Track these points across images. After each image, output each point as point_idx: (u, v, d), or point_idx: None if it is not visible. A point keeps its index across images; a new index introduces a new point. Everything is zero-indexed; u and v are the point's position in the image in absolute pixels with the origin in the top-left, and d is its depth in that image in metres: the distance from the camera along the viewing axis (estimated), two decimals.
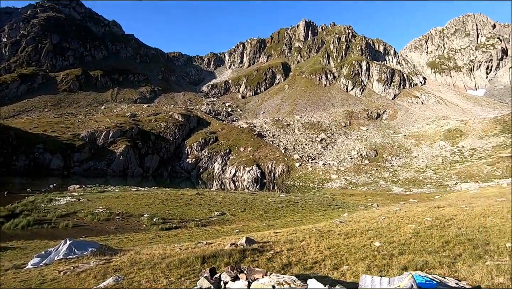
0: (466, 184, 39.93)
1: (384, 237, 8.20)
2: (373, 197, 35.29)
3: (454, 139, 64.03)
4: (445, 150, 61.25)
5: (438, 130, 70.91)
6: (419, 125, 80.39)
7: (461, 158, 55.25)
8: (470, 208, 12.50)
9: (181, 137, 70.83)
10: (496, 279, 3.79)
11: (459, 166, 51.01)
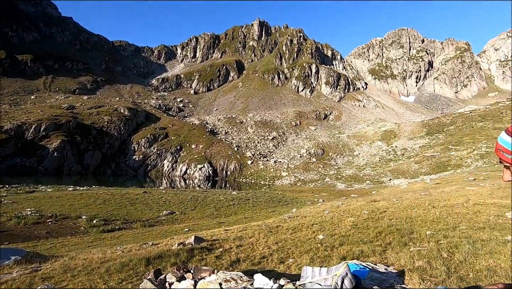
0: (398, 180, 44.71)
1: (327, 230, 8.76)
2: (320, 193, 37.47)
3: (389, 140, 71.16)
4: (381, 149, 67.74)
5: (376, 132, 78.05)
6: (360, 127, 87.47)
7: (395, 157, 61.70)
8: (400, 201, 14.02)
9: (127, 132, 66.32)
10: (416, 263, 4.33)
11: (392, 164, 56.87)
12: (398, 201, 14.08)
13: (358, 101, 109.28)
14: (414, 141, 65.77)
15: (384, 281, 3.62)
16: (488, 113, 61.72)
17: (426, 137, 64.70)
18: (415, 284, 3.46)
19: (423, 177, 41.19)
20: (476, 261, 4.21)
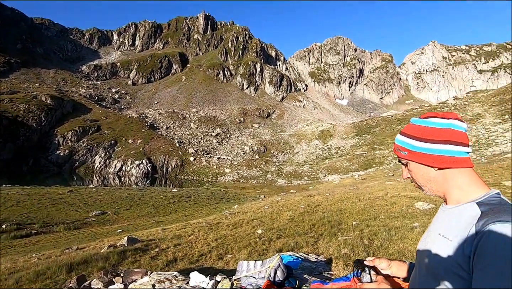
0: (332, 176, 48.62)
1: (266, 225, 9.06)
2: (261, 189, 38.54)
3: (325, 139, 76.82)
4: (318, 148, 72.77)
5: (314, 131, 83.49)
6: (300, 126, 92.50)
7: (329, 155, 66.93)
8: (332, 195, 15.25)
9: (49, 124, 58.34)
10: (342, 251, 4.76)
11: (327, 161, 61.60)
12: (331, 195, 15.29)
13: (299, 102, 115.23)
14: (346, 141, 72.25)
15: (314, 269, 3.89)
16: (405, 117, 71.22)
17: (356, 137, 71.65)
18: (340, 269, 3.81)
19: (352, 173, 45.52)
20: (390, 246, 4.82)
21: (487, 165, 17.36)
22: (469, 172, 0.97)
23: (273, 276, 2.79)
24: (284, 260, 4.04)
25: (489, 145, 39.55)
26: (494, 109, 57.40)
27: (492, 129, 47.82)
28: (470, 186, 0.95)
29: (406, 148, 1.03)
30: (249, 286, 2.79)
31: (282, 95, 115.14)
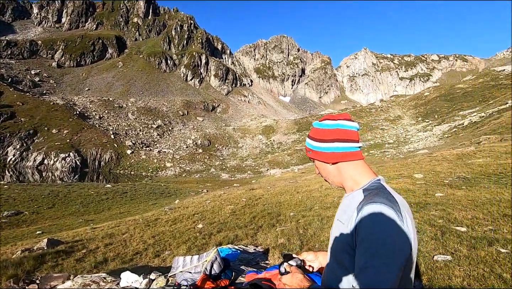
0: (274, 170, 50.45)
1: (207, 219, 8.98)
2: (204, 184, 38.00)
3: (268, 134, 79.17)
4: (262, 143, 74.69)
5: (258, 126, 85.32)
6: (245, 121, 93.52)
7: (272, 149, 69.27)
8: (273, 188, 15.85)
9: None
10: (279, 241, 5.00)
11: (270, 155, 63.67)
12: (272, 189, 15.88)
13: (244, 97, 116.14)
14: (288, 136, 75.63)
15: (251, 260, 3.99)
16: None
17: (297, 133, 75.52)
18: (276, 259, 3.99)
19: (293, 167, 47.95)
20: (322, 234, 5.22)
21: (403, 160, 20.00)
22: (359, 163, 1.10)
23: (210, 270, 2.78)
24: (223, 253, 4.06)
25: (406, 142, 45.64)
26: (410, 112, 66.34)
27: (409, 129, 55.27)
28: (360, 175, 1.08)
29: (309, 148, 1.18)
30: (184, 281, 2.73)
31: (227, 89, 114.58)
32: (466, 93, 59.43)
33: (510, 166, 10.16)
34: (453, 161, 13.64)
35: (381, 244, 0.86)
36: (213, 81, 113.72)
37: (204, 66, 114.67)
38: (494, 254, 3.72)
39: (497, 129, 24.81)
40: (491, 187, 8.25)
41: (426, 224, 5.47)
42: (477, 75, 77.35)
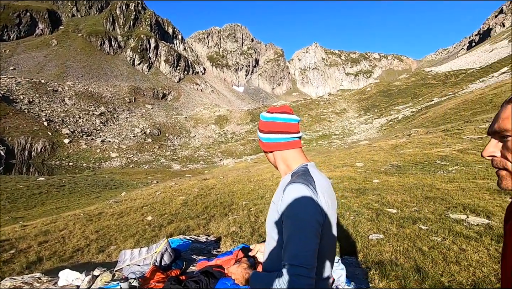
0: (227, 160, 50.46)
1: (157, 211, 8.68)
2: (154, 174, 36.41)
3: (222, 124, 78.51)
4: (215, 132, 73.83)
5: (211, 116, 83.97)
6: (197, 110, 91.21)
7: (225, 139, 68.99)
8: (226, 178, 15.89)
9: None
10: (231, 229, 5.08)
11: (223, 145, 63.39)
12: (225, 178, 15.91)
13: (196, 85, 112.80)
14: (241, 126, 75.96)
15: (203, 249, 4.01)
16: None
17: (251, 123, 76.25)
18: (227, 246, 4.07)
19: (246, 157, 48.51)
20: None
21: (347, 150, 21.63)
22: (294, 151, 1.23)
23: (160, 261, 2.73)
24: (174, 243, 4.00)
25: (350, 134, 49.32)
26: (354, 105, 71.60)
27: (353, 121, 59.71)
28: (293, 161, 1.21)
29: (259, 140, 1.31)
30: (131, 274, 2.63)
31: (179, 76, 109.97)
32: (401, 90, 66.11)
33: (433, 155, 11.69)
34: (388, 150, 15.19)
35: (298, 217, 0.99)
36: (164, 67, 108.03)
37: (154, 50, 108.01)
38: (416, 231, 4.31)
39: (425, 123, 28.22)
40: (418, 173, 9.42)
41: (364, 208, 6.06)
42: (410, 74, 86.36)
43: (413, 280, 2.94)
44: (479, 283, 2.75)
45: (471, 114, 22.46)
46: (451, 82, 55.34)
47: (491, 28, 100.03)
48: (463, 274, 2.98)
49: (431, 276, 2.97)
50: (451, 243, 3.74)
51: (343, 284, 2.76)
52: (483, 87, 37.50)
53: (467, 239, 3.81)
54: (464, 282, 2.82)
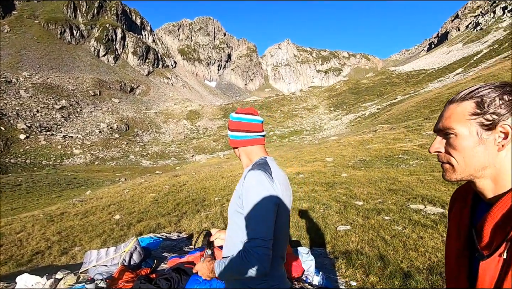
0: (199, 156, 49.71)
1: (126, 209, 8.37)
2: (122, 172, 34.95)
3: (193, 119, 77.02)
4: (187, 128, 72.30)
5: (183, 111, 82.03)
6: (168, 104, 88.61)
7: (197, 135, 67.84)
8: (198, 174, 15.69)
9: None
10: (204, 225, 5.05)
11: (195, 141, 62.33)
12: (197, 174, 15.70)
13: (167, 79, 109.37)
14: (214, 122, 75.09)
15: (174, 246, 3.94)
16: (264, 104, 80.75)
17: (223, 119, 75.62)
18: (199, 243, 4.04)
19: (218, 153, 48.14)
20: None
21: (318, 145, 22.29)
22: (255, 147, 1.38)
23: (129, 260, 2.65)
24: (144, 242, 3.90)
25: (320, 129, 50.77)
26: (325, 102, 73.71)
27: (323, 118, 61.49)
28: (255, 155, 1.36)
29: (229, 138, 1.46)
30: (98, 276, 2.53)
31: (148, 70, 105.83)
32: (368, 88, 69.15)
33: (396, 150, 12.42)
34: (356, 146, 15.87)
35: (256, 198, 1.13)
36: (132, 60, 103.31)
37: (120, 41, 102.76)
38: (380, 221, 4.58)
39: (389, 119, 29.83)
40: (382, 167, 9.97)
41: (333, 201, 6.31)
42: (376, 73, 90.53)
43: (376, 267, 3.13)
44: (434, 267, 3.00)
45: (430, 111, 24.12)
46: (413, 81, 58.89)
47: (448, 32, 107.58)
48: (420, 259, 3.23)
49: (392, 262, 3.18)
50: (411, 232, 4.03)
51: (312, 274, 2.87)
52: (440, 86, 40.37)
53: (425, 227, 4.13)
54: (421, 267, 3.06)
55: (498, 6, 75.24)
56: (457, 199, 0.89)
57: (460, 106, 0.73)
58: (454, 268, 0.81)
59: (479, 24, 78.67)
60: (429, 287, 2.67)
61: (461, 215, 0.83)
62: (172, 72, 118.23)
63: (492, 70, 29.30)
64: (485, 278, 0.68)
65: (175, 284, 2.22)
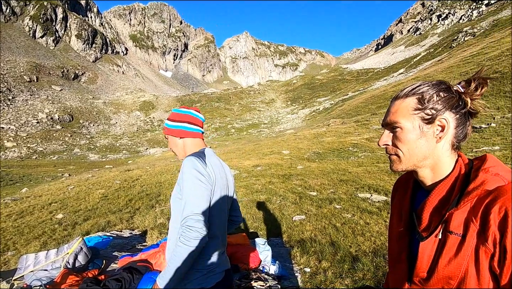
0: (154, 149, 47.54)
1: (70, 207, 7.69)
2: (65, 166, 31.94)
3: (147, 110, 73.15)
4: (140, 120, 68.45)
5: (135, 101, 77.35)
6: (119, 94, 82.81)
7: (152, 127, 64.70)
8: (153, 168, 15.01)
9: None
10: (158, 221, 4.86)
11: (149, 134, 59.41)
12: (151, 168, 15.00)
13: (117, 66, 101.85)
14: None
15: (126, 244, 3.73)
16: (222, 96, 79.80)
17: None
18: (154, 239, 3.88)
19: None
20: None
21: (275, 138, 22.79)
22: (197, 140, 1.51)
23: (73, 263, 2.43)
24: (91, 242, 3.64)
25: (278, 123, 51.92)
26: (282, 96, 75.39)
27: (280, 111, 62.91)
28: (195, 147, 1.48)
29: (165, 127, 1.54)
30: (36, 281, 2.28)
31: (95, 56, 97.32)
32: (322, 84, 72.35)
33: (347, 143, 13.24)
34: (311, 139, 16.56)
35: (191, 180, 1.23)
36: (75, 43, 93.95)
37: (61, 22, 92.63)
38: (332, 210, 4.86)
39: (341, 114, 31.65)
40: (334, 159, 10.56)
41: (289, 192, 6.53)
42: (330, 70, 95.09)
43: (328, 253, 3.33)
44: (378, 250, 3.28)
45: (377, 107, 26.12)
46: (362, 79, 63.10)
47: (392, 34, 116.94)
48: (367, 243, 3.51)
49: (342, 248, 3.41)
50: (359, 218, 4.35)
51: (269, 264, 2.94)
52: (386, 84, 43.90)
53: (371, 214, 4.49)
54: (367, 250, 3.33)
55: (434, 14, 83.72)
56: (399, 187, 0.97)
57: (404, 102, 0.80)
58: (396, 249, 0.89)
59: (418, 29, 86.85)
60: (374, 268, 2.91)
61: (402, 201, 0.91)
62: (123, 59, 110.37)
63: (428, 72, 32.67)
64: (423, 257, 0.76)
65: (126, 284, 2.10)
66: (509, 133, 8.92)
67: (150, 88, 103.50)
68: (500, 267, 0.63)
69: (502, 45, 25.57)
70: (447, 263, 0.70)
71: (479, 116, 11.34)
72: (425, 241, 0.76)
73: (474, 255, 0.67)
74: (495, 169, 0.71)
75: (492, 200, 0.66)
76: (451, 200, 0.74)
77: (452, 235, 0.71)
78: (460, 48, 42.94)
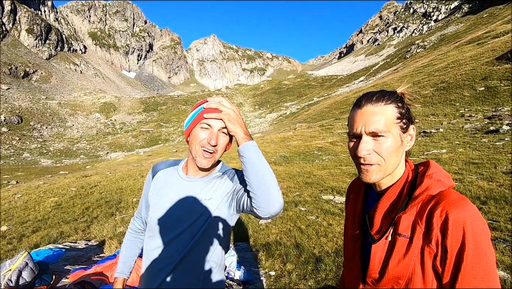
0: (115, 153, 45.04)
1: (17, 218, 6.99)
2: (12, 173, 28.99)
3: (108, 112, 69.26)
4: (100, 122, 64.54)
5: (95, 103, 72.88)
6: (76, 95, 77.52)
7: (113, 130, 61.31)
8: (114, 174, 14.20)
9: None
10: (118, 230, 4.59)
11: (111, 137, 56.22)
12: (112, 174, 14.19)
13: (74, 65, 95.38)
14: (133, 116, 69.08)
15: (81, 256, 3.47)
16: (189, 99, 78.19)
17: (143, 113, 70.27)
18: (113, 249, 3.65)
19: (138, 150, 44.56)
20: None
21: None
22: None
23: (16, 280, 2.20)
24: (40, 255, 3.33)
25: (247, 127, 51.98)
26: (250, 100, 75.88)
27: (248, 115, 63.21)
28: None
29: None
30: None
31: (49, 53, 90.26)
32: (289, 89, 74.16)
33: (312, 147, 13.66)
34: (278, 142, 16.84)
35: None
36: (26, 39, 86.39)
37: (9, 15, 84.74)
38: (297, 213, 4.96)
39: (307, 119, 32.64)
40: (300, 162, 10.83)
41: None
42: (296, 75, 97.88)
43: (293, 255, 3.39)
44: (339, 250, 3.41)
45: (340, 112, 27.36)
46: (327, 85, 65.80)
47: (354, 44, 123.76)
48: (329, 244, 3.63)
49: (306, 249, 3.49)
50: (322, 220, 4.49)
51: (234, 269, 2.91)
52: (348, 91, 46.21)
53: (333, 215, 4.66)
54: (330, 251, 3.44)
55: (390, 26, 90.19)
56: (352, 190, 0.99)
57: (386, 110, 0.79)
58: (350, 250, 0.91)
59: (376, 40, 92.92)
60: (335, 267, 3.02)
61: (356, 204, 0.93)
62: (81, 58, 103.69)
63: (386, 80, 35.04)
64: (375, 259, 0.79)
65: None
66: (455, 138, 9.85)
67: (112, 89, 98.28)
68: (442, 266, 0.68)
69: (448, 58, 28.32)
70: (397, 264, 0.73)
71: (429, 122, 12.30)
72: (376, 243, 0.79)
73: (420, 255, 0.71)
74: (437, 175, 0.75)
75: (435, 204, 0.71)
76: (399, 204, 0.77)
77: (401, 237, 0.74)
78: (413, 59, 46.70)
